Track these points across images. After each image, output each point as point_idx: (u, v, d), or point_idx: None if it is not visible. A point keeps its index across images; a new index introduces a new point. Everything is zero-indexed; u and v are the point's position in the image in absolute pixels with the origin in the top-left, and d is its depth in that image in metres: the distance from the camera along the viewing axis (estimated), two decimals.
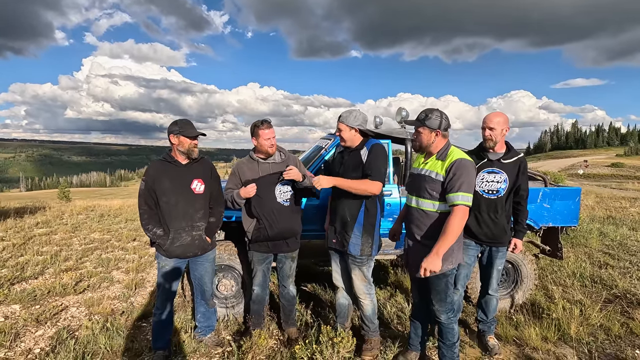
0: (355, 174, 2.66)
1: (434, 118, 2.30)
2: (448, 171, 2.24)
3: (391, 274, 4.50)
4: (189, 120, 2.72)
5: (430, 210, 2.32)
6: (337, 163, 2.80)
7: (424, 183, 2.33)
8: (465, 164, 2.23)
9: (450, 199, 2.21)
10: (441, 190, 2.27)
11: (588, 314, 3.40)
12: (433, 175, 2.30)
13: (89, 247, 5.87)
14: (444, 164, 2.28)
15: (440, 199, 2.28)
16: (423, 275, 2.21)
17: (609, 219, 8.67)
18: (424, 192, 2.33)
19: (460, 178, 2.19)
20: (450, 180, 2.22)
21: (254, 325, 3.04)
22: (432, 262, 2.18)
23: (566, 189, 3.70)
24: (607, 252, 5.68)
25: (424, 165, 2.40)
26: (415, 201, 2.40)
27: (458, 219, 2.19)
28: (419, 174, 2.41)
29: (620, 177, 42.21)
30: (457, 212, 2.19)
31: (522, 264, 3.63)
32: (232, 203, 2.81)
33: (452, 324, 2.45)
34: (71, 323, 3.36)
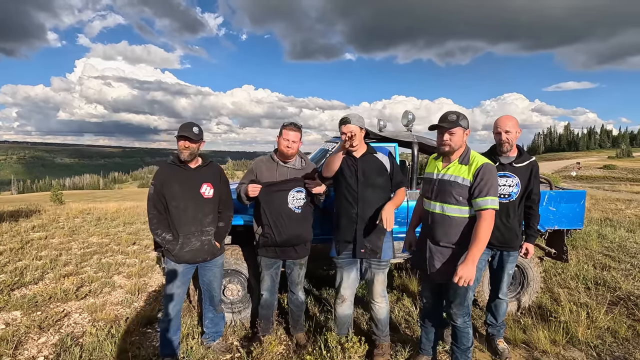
0: (380, 179, 2.65)
1: (464, 119, 2.28)
2: (476, 176, 2.23)
3: (396, 278, 4.48)
4: (190, 122, 2.65)
5: (456, 216, 2.30)
6: (349, 168, 2.67)
7: (450, 189, 2.29)
8: (491, 168, 2.25)
9: (479, 203, 2.21)
10: (468, 195, 2.26)
11: (595, 316, 3.41)
12: (460, 181, 2.28)
13: (88, 252, 5.78)
14: (469, 168, 2.27)
15: (466, 204, 2.28)
16: (461, 284, 2.18)
17: (606, 221, 8.75)
18: (450, 197, 2.30)
19: (488, 182, 2.21)
20: (478, 184, 2.22)
21: (263, 331, 3.00)
22: (469, 270, 2.15)
23: (572, 192, 3.72)
24: (608, 254, 5.73)
25: (445, 170, 2.36)
26: (440, 207, 2.35)
27: (488, 223, 2.19)
28: (442, 180, 2.36)
29: (612, 179, 42.74)
30: (487, 216, 2.19)
31: (529, 267, 3.64)
32: (238, 197, 2.80)
33: (467, 327, 2.45)
34: (74, 329, 3.30)
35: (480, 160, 2.27)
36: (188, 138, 2.54)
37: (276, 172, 2.83)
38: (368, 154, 2.69)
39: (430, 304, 2.64)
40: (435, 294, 2.56)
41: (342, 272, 2.78)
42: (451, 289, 2.40)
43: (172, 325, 2.69)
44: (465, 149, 2.35)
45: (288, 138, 2.75)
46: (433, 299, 2.60)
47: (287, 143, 2.75)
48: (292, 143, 2.76)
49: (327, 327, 3.22)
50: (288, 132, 2.75)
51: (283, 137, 2.76)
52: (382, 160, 2.68)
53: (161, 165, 2.69)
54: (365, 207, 2.64)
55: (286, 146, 2.75)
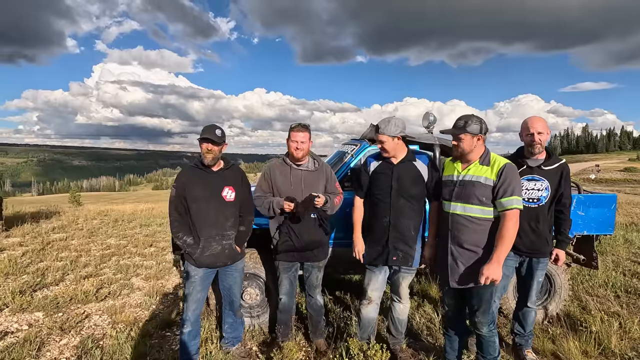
0: (416, 188, 2.59)
1: (474, 124, 2.27)
2: (499, 175, 2.21)
3: (415, 283, 4.38)
4: (213, 124, 2.62)
5: (479, 217, 2.27)
6: (384, 176, 2.63)
7: (473, 189, 2.26)
8: (513, 168, 2.25)
9: (504, 203, 2.19)
10: (491, 195, 2.24)
11: (628, 326, 3.25)
12: (482, 181, 2.25)
13: (107, 253, 5.85)
14: (491, 168, 2.26)
15: (490, 205, 2.25)
16: (484, 283, 2.15)
17: (631, 226, 8.44)
18: (473, 198, 2.26)
19: (512, 182, 2.19)
20: (502, 184, 2.20)
21: (282, 336, 2.95)
22: (495, 270, 2.13)
23: (601, 196, 3.57)
24: (636, 260, 5.50)
25: (466, 171, 2.32)
26: (462, 208, 2.30)
27: (513, 223, 2.17)
28: (464, 180, 2.31)
29: (634, 181, 41.35)
30: (512, 216, 2.17)
31: (556, 273, 3.50)
32: (267, 209, 2.74)
33: (493, 336, 2.38)
34: (95, 331, 3.31)
35: (502, 161, 2.27)
36: (211, 140, 2.51)
37: (290, 176, 2.78)
38: (407, 161, 2.62)
39: (452, 311, 2.56)
40: (458, 300, 2.48)
41: (371, 274, 2.75)
42: (475, 296, 2.33)
43: (191, 330, 2.67)
44: (485, 150, 2.33)
45: (296, 139, 2.70)
46: (456, 306, 2.51)
47: (296, 144, 2.70)
48: (301, 144, 2.70)
49: (348, 333, 3.15)
50: (296, 133, 2.71)
51: (291, 139, 2.72)
52: (420, 169, 2.61)
53: (183, 168, 2.68)
54: (398, 216, 2.59)
55: (295, 148, 2.70)
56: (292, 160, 2.79)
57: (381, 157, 2.69)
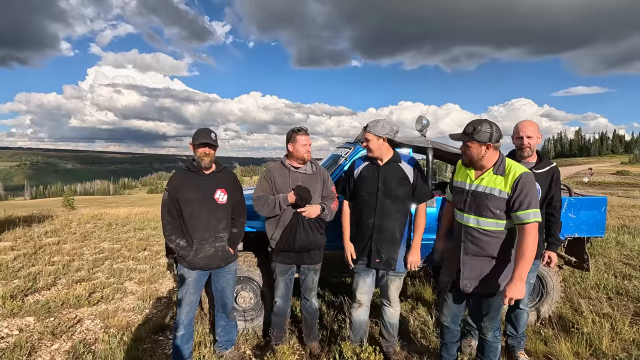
0: (401, 189, 2.61)
1: (483, 130, 2.11)
2: (514, 187, 2.07)
3: (409, 286, 4.39)
4: (206, 128, 2.65)
5: (493, 230, 2.16)
6: (371, 177, 2.64)
7: (486, 201, 2.13)
8: (530, 178, 2.09)
9: (521, 217, 2.05)
10: (506, 208, 2.11)
11: (619, 328, 3.28)
12: (496, 193, 2.11)
13: (100, 257, 5.80)
14: (506, 179, 2.11)
15: (504, 217, 2.13)
16: (508, 304, 2.07)
17: (623, 228, 8.52)
18: (486, 211, 2.14)
19: (529, 194, 2.05)
20: (518, 197, 2.06)
21: (276, 339, 2.95)
22: (519, 289, 2.02)
23: (592, 199, 3.61)
24: (628, 262, 5.55)
25: (479, 181, 2.19)
26: (475, 221, 2.19)
27: (532, 237, 2.03)
28: (476, 191, 2.19)
29: (626, 185, 41.84)
30: (531, 230, 2.03)
31: (548, 275, 3.53)
32: (272, 207, 2.71)
33: (497, 342, 2.37)
34: (87, 336, 3.28)
35: (518, 170, 2.10)
36: (209, 144, 2.54)
37: (289, 179, 2.80)
38: (392, 162, 2.65)
39: (451, 320, 2.52)
40: (459, 306, 2.47)
41: (358, 278, 2.78)
42: (485, 303, 2.30)
43: (185, 333, 2.65)
44: (499, 157, 2.18)
45: (305, 143, 2.74)
46: (455, 313, 2.49)
47: (306, 148, 2.74)
48: (309, 146, 2.77)
49: (341, 336, 3.15)
50: (302, 136, 2.74)
51: (299, 143, 2.73)
52: (406, 170, 2.63)
53: (176, 171, 2.68)
54: (383, 217, 2.61)
55: (306, 151, 2.75)
56: (294, 163, 2.81)
57: (368, 159, 2.72)
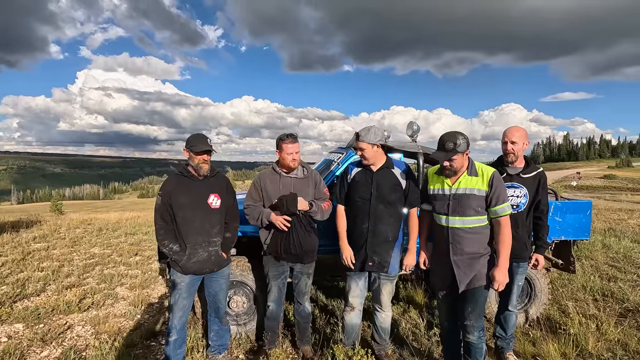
0: (394, 195, 2.66)
1: (461, 142, 2.28)
2: (490, 185, 2.31)
3: (402, 289, 4.44)
4: (202, 135, 2.68)
5: (476, 226, 2.35)
6: (364, 183, 2.69)
7: (469, 201, 2.32)
8: (499, 176, 2.38)
9: (497, 211, 2.31)
10: (484, 204, 2.34)
11: (604, 329, 3.36)
12: (476, 192, 2.32)
13: (90, 263, 5.74)
14: (481, 179, 2.33)
15: (484, 213, 2.35)
16: (498, 289, 2.33)
17: (609, 231, 8.71)
18: (469, 211, 2.33)
19: (502, 190, 2.33)
20: (494, 193, 2.31)
21: (269, 343, 2.96)
22: (504, 275, 2.30)
23: (578, 202, 3.71)
24: (613, 264, 5.68)
25: (457, 184, 2.36)
26: (461, 221, 2.35)
27: (509, 227, 2.32)
28: (457, 194, 2.35)
29: (613, 188, 42.72)
30: (507, 221, 2.32)
31: (536, 278, 3.61)
32: (256, 220, 2.77)
33: (482, 343, 2.43)
34: (77, 342, 3.25)
35: (488, 170, 2.36)
36: (208, 151, 2.58)
37: (280, 184, 2.82)
38: (385, 168, 2.70)
39: (449, 320, 2.58)
40: (454, 310, 2.52)
41: (351, 281, 2.82)
42: (470, 300, 2.39)
43: (177, 338, 2.65)
44: (469, 161, 2.39)
45: (291, 151, 2.74)
46: (451, 315, 2.55)
47: (292, 156, 2.75)
48: (296, 154, 2.76)
49: (334, 339, 3.17)
50: (288, 145, 2.73)
51: (285, 151, 2.74)
52: (398, 176, 2.68)
53: (169, 176, 2.70)
54: (377, 222, 2.65)
55: (292, 159, 2.75)
56: (284, 169, 2.84)
57: (361, 165, 2.76)
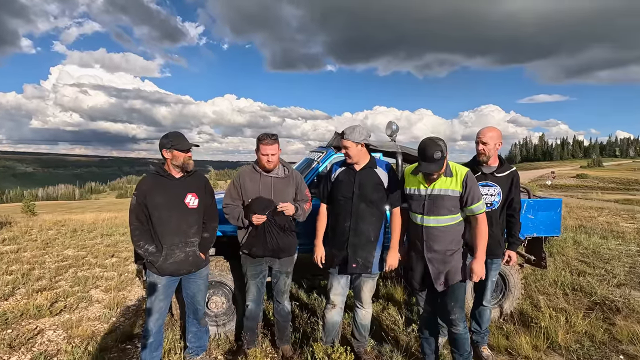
0: (376, 194, 2.67)
1: (443, 148, 2.32)
2: (464, 185, 2.37)
3: (381, 287, 4.49)
4: (179, 132, 2.66)
5: (450, 224, 2.43)
6: (347, 182, 2.71)
7: (443, 202, 2.39)
8: (472, 176, 2.45)
9: (474, 209, 2.39)
10: (459, 204, 2.41)
11: (573, 321, 3.51)
12: (450, 193, 2.38)
13: (63, 265, 5.54)
14: (455, 179, 2.39)
15: (457, 212, 2.43)
16: (476, 280, 2.41)
17: (580, 228, 9.07)
18: (443, 210, 2.40)
19: (477, 189, 2.41)
20: (469, 193, 2.38)
21: (248, 343, 2.94)
22: (482, 267, 2.40)
23: (549, 200, 3.86)
24: (583, 260, 5.93)
25: (432, 185, 2.42)
26: (435, 220, 2.42)
27: (485, 223, 2.40)
28: (432, 195, 2.41)
29: (585, 187, 44.50)
30: (483, 218, 2.40)
31: (510, 273, 3.72)
32: (235, 219, 2.74)
33: (467, 333, 2.53)
34: (48, 347, 3.14)
35: (462, 170, 2.42)
36: (190, 149, 2.57)
37: (260, 183, 2.80)
38: (368, 168, 2.72)
39: (429, 313, 2.65)
40: (433, 303, 2.60)
41: (332, 279, 2.83)
42: (450, 295, 2.46)
43: (153, 341, 2.60)
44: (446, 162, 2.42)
45: (266, 152, 2.71)
46: (430, 307, 2.63)
47: (267, 157, 2.72)
48: (272, 156, 2.73)
49: (313, 337, 3.18)
50: (265, 146, 2.71)
51: (261, 152, 2.72)
52: (380, 176, 2.71)
53: (145, 175, 2.64)
54: (358, 221, 2.67)
55: (267, 161, 2.73)
56: (263, 168, 2.82)
57: (345, 164, 2.78)
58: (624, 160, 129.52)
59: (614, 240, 7.42)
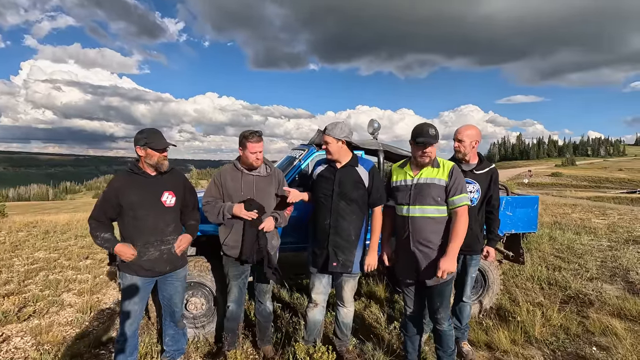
0: (356, 192, 2.65)
1: (436, 132, 2.39)
2: (450, 176, 2.40)
3: (364, 285, 4.50)
4: (156, 129, 2.55)
5: (435, 216, 2.41)
6: (327, 180, 2.69)
7: (429, 190, 2.40)
8: (459, 169, 2.48)
9: (455, 201, 2.38)
10: (444, 195, 2.41)
11: (549, 315, 3.60)
12: (436, 182, 2.40)
13: (33, 268, 5.29)
14: (442, 170, 2.42)
15: (443, 204, 2.41)
16: (442, 277, 2.31)
17: (555, 224, 9.37)
18: (429, 199, 2.40)
19: (461, 181, 2.42)
20: (453, 184, 2.39)
21: (229, 345, 2.87)
22: (451, 263, 2.32)
23: (526, 198, 3.94)
24: (558, 255, 6.12)
25: (419, 175, 2.45)
26: (420, 210, 2.42)
27: (464, 218, 2.37)
28: (419, 184, 2.43)
29: (559, 185, 46.21)
30: (463, 212, 2.38)
31: (489, 269, 3.78)
32: (216, 215, 2.66)
33: (451, 330, 2.54)
34: (15, 355, 2.98)
35: (448, 163, 2.47)
36: (166, 149, 2.48)
37: (241, 181, 2.74)
38: (349, 166, 2.70)
39: (414, 311, 2.63)
40: (420, 300, 2.59)
41: (314, 278, 2.80)
42: (437, 294, 2.46)
43: (128, 345, 2.50)
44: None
45: (255, 150, 2.66)
46: (417, 306, 2.61)
47: (256, 155, 2.67)
48: (259, 153, 2.69)
49: (295, 337, 3.14)
50: (254, 144, 2.65)
51: (249, 150, 2.66)
52: (361, 174, 2.68)
53: (118, 173, 2.53)
54: (338, 219, 2.65)
55: (255, 158, 2.68)
56: (246, 166, 2.75)
57: (327, 162, 2.75)
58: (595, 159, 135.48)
59: (587, 236, 7.70)
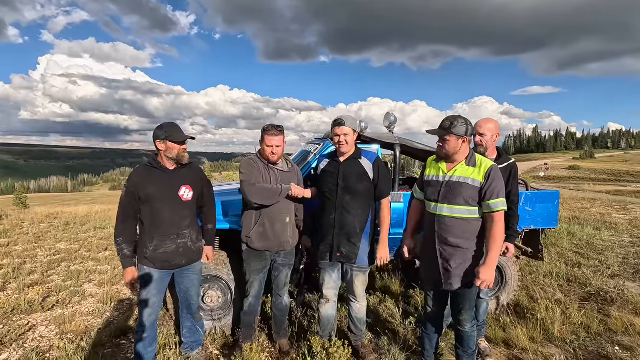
0: (361, 185, 2.63)
1: (459, 125, 2.23)
2: (487, 177, 2.22)
3: (378, 279, 4.49)
4: (175, 123, 2.58)
5: (465, 217, 2.27)
6: (331, 174, 2.68)
7: (460, 189, 2.25)
8: (498, 170, 2.29)
9: (491, 205, 2.21)
10: (478, 197, 2.25)
11: (569, 313, 3.53)
12: (470, 182, 2.24)
13: (56, 259, 5.46)
14: (478, 170, 2.25)
15: (475, 205, 2.26)
16: (481, 287, 2.21)
17: (574, 219, 9.15)
18: (459, 199, 2.25)
19: (499, 184, 2.23)
20: (489, 186, 2.21)
21: (245, 338, 2.91)
22: (491, 273, 2.18)
23: (546, 193, 3.84)
24: (577, 251, 5.97)
25: (453, 172, 2.30)
26: (449, 209, 2.29)
27: (501, 224, 2.20)
28: (451, 181, 2.30)
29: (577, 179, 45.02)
30: (500, 217, 2.20)
31: (507, 265, 3.72)
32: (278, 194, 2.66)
33: (474, 332, 2.47)
34: (40, 344, 3.08)
35: (488, 162, 2.28)
36: (185, 141, 2.51)
37: (267, 174, 2.75)
38: (352, 159, 2.68)
39: (436, 311, 2.58)
40: (442, 301, 2.53)
41: (324, 274, 2.81)
42: (462, 297, 2.37)
43: (147, 336, 2.55)
44: (470, 152, 2.33)
45: (272, 144, 2.65)
46: (439, 306, 2.56)
47: (272, 149, 2.67)
48: (277, 148, 2.67)
49: (311, 331, 3.16)
50: (271, 137, 2.65)
51: (266, 143, 2.66)
52: (365, 167, 2.66)
53: (137, 167, 2.57)
54: (344, 213, 2.64)
55: (271, 152, 2.67)
56: (266, 160, 2.76)
57: (330, 156, 2.76)
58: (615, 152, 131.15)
59: (607, 232, 7.50)
